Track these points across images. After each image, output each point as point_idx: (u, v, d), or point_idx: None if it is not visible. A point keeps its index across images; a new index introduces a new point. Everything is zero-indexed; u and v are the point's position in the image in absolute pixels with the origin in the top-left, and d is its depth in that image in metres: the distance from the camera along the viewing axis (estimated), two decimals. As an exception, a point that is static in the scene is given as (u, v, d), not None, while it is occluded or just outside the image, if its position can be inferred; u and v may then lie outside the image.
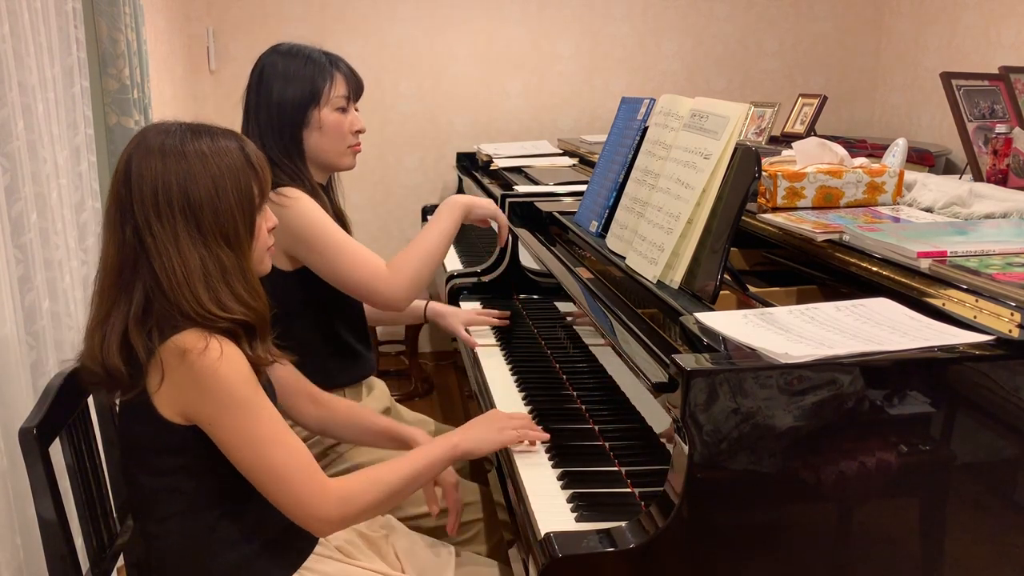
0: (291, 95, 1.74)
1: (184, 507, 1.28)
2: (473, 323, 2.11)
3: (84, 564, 1.44)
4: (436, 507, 1.51)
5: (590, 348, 1.81)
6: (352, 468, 1.76)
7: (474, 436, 1.41)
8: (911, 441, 1.11)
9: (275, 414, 1.23)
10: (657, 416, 1.41)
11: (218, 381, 1.17)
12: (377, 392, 1.95)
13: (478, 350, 1.98)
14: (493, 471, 1.64)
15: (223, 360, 1.18)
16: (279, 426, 1.23)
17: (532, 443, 1.47)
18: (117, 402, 1.30)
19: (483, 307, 2.29)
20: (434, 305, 2.12)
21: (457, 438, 1.40)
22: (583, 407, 1.61)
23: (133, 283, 1.21)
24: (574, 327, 1.93)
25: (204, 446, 1.23)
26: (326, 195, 1.89)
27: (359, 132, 1.84)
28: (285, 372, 1.53)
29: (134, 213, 1.21)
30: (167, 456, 1.25)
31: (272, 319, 1.30)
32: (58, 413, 1.38)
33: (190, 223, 1.21)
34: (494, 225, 1.95)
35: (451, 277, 2.42)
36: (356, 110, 1.85)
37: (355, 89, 1.83)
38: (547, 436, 1.46)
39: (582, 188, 2.15)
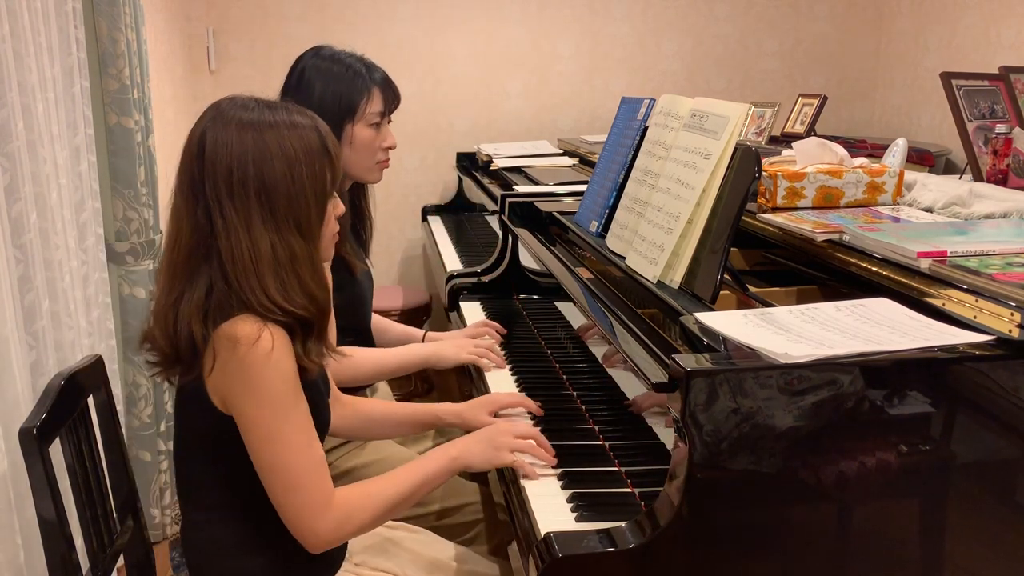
0: (329, 103, 1.71)
1: (228, 500, 1.28)
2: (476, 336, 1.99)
3: (84, 564, 1.44)
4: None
5: (589, 347, 1.81)
6: (340, 475, 1.76)
7: (473, 451, 1.36)
8: (911, 441, 1.11)
9: (306, 419, 1.22)
10: (657, 416, 1.41)
11: (261, 375, 1.16)
12: (379, 393, 1.95)
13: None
14: (494, 471, 1.63)
15: (272, 355, 1.16)
16: (307, 432, 1.21)
17: (537, 464, 1.37)
18: (175, 385, 1.30)
19: (483, 307, 2.29)
20: (432, 336, 2.02)
21: (456, 451, 1.35)
22: (583, 407, 1.61)
23: (205, 264, 1.20)
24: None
25: None
26: (354, 199, 1.88)
27: (390, 148, 1.82)
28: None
29: (206, 193, 1.19)
30: (217, 445, 1.25)
31: None
32: (58, 413, 1.38)
33: (264, 206, 1.19)
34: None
35: (451, 277, 2.42)
36: (389, 121, 1.83)
37: (391, 105, 1.80)
38: (552, 459, 1.37)
39: (582, 188, 2.15)
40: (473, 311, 2.26)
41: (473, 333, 1.96)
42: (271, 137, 1.19)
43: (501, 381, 1.78)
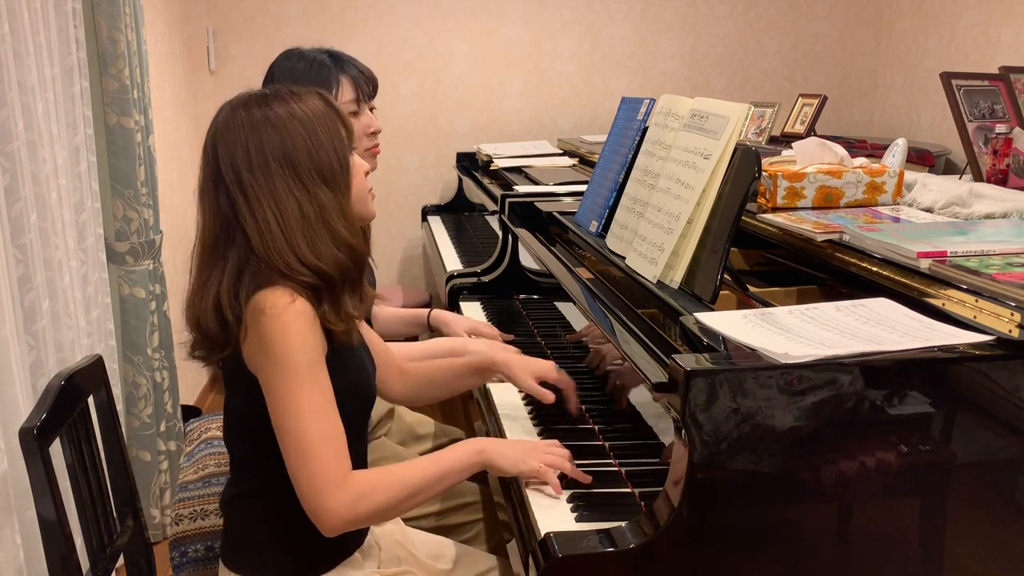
0: None
1: (266, 472, 1.29)
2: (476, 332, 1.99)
3: (84, 564, 1.44)
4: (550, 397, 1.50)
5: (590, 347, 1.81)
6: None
7: (502, 451, 1.32)
8: (911, 441, 1.11)
9: (325, 393, 1.22)
10: (657, 416, 1.41)
11: (283, 341, 1.18)
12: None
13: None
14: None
15: (295, 324, 1.18)
16: (325, 405, 1.22)
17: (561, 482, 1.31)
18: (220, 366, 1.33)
19: (483, 307, 2.29)
20: (438, 313, 2.04)
21: (483, 444, 1.33)
22: (583, 407, 1.60)
23: (228, 249, 1.24)
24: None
25: None
26: None
27: (375, 133, 1.81)
28: (378, 349, 1.53)
29: (224, 177, 1.23)
30: (259, 415, 1.26)
31: None
32: (58, 413, 1.38)
33: (285, 169, 1.22)
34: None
35: (451, 277, 2.42)
36: (372, 109, 1.81)
37: (367, 90, 1.78)
38: (587, 478, 1.31)
39: (582, 188, 2.15)
40: (473, 311, 2.26)
41: (478, 329, 1.96)
42: (279, 108, 1.25)
43: (502, 385, 1.78)
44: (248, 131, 1.22)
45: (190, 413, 2.90)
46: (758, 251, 1.78)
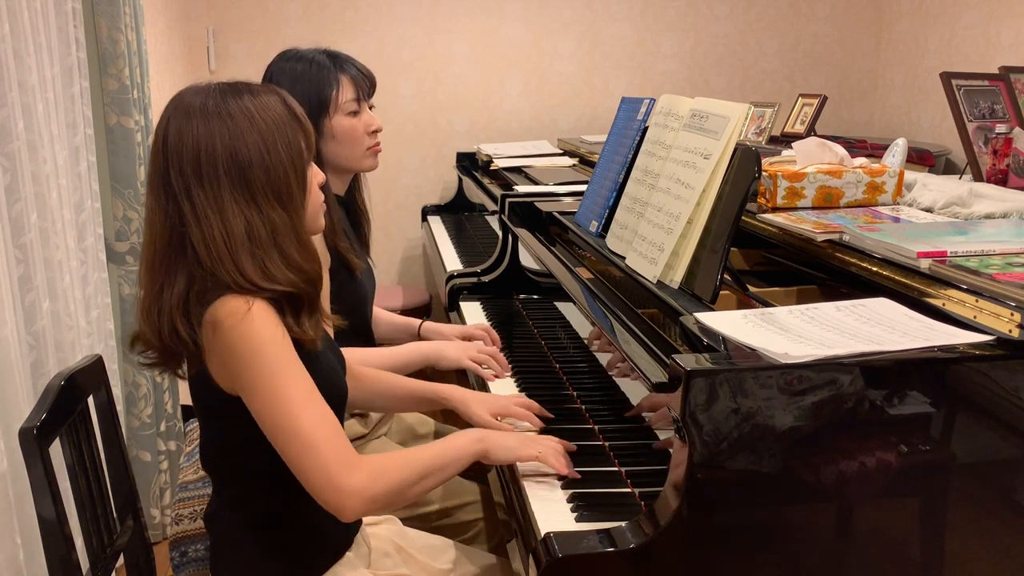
0: (301, 104, 1.70)
1: (245, 483, 1.28)
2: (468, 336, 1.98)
3: (84, 564, 1.44)
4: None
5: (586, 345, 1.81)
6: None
7: (499, 440, 1.33)
8: (911, 441, 1.11)
9: (307, 379, 1.18)
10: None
11: (249, 341, 1.14)
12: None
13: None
14: (493, 471, 1.63)
15: (256, 323, 1.14)
16: (310, 392, 1.18)
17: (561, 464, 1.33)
18: (184, 375, 1.29)
19: (483, 307, 2.29)
20: (429, 326, 2.03)
21: (482, 433, 1.33)
22: (583, 407, 1.60)
23: (181, 257, 1.18)
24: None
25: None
26: (350, 196, 1.88)
27: (376, 131, 1.81)
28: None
29: (172, 184, 1.16)
30: (232, 429, 1.24)
31: None
32: (58, 413, 1.38)
33: (237, 185, 1.16)
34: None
35: (451, 277, 2.42)
36: (371, 107, 1.82)
37: (366, 88, 1.79)
38: (568, 471, 1.32)
39: (582, 188, 2.15)
40: (473, 311, 2.26)
41: (469, 333, 1.95)
42: (238, 115, 1.18)
43: (500, 380, 1.78)
44: (202, 140, 1.16)
45: (190, 413, 2.89)
46: (758, 251, 1.79)
